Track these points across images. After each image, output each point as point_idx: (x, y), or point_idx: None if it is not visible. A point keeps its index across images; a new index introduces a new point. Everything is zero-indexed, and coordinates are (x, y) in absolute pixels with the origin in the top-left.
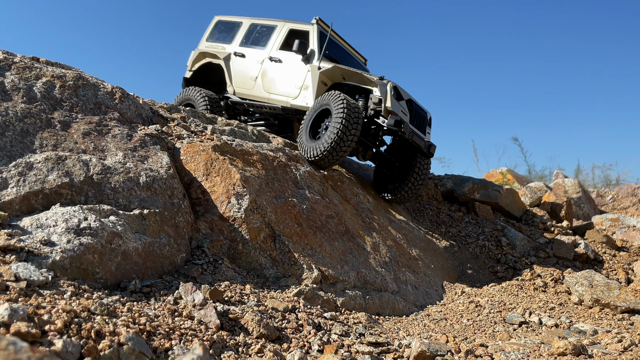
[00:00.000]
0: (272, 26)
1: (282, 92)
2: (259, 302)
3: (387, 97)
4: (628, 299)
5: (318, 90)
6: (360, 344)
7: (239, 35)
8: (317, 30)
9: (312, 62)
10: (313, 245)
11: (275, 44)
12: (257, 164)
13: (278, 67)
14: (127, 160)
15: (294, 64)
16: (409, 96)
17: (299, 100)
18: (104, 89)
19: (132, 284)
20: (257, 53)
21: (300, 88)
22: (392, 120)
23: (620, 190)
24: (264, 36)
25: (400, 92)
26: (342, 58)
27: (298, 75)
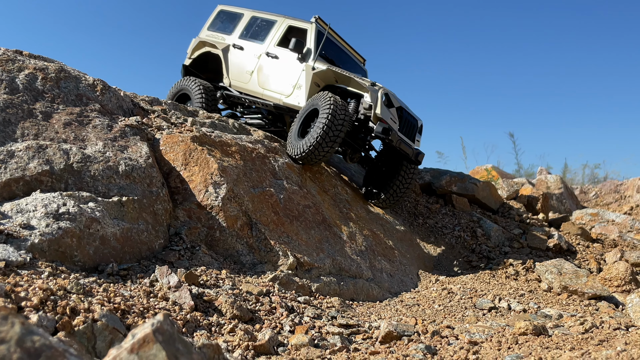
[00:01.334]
0: (272, 21)
1: (276, 89)
2: (234, 286)
3: (377, 103)
4: (595, 286)
5: (310, 91)
6: (331, 326)
7: (240, 27)
8: (315, 29)
9: (307, 61)
10: (289, 233)
11: (274, 39)
12: (236, 155)
13: (274, 63)
14: (107, 149)
15: (290, 62)
16: (400, 103)
17: (291, 98)
18: (86, 81)
19: (109, 267)
20: (255, 47)
21: (294, 87)
22: (380, 128)
23: (603, 187)
24: (263, 30)
25: (391, 99)
26: (340, 58)
27: (292, 74)
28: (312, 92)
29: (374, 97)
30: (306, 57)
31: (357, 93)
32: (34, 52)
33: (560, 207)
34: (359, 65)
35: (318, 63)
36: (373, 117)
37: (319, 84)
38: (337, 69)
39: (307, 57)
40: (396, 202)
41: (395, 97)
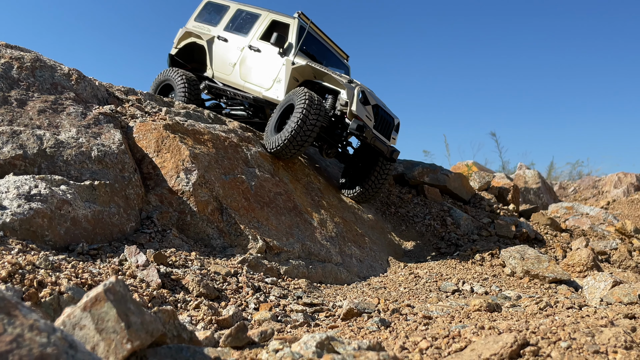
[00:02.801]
0: (257, 15)
1: (257, 82)
2: (202, 267)
3: (353, 100)
4: (556, 271)
5: (289, 85)
6: (296, 304)
7: (225, 19)
8: (297, 24)
9: (287, 56)
10: (260, 219)
11: (257, 33)
12: (208, 143)
13: (256, 56)
14: (80, 136)
15: (271, 56)
16: (376, 101)
17: (271, 92)
18: (61, 70)
19: (79, 247)
20: (239, 40)
21: (274, 80)
22: (354, 125)
23: (582, 183)
24: (247, 23)
25: (367, 97)
26: (322, 54)
27: (273, 68)
28: (291, 87)
29: (350, 93)
30: (287, 52)
31: (334, 89)
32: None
33: (538, 202)
34: (341, 61)
35: (298, 58)
36: (348, 114)
37: (298, 79)
38: (316, 64)
39: (288, 52)
40: (371, 197)
41: (372, 95)
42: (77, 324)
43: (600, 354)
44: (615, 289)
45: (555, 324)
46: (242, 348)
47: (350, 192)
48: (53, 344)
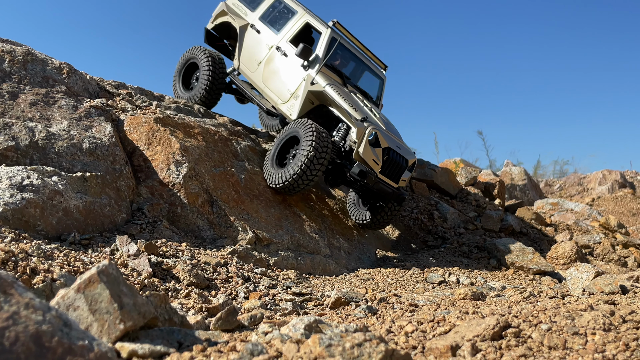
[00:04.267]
0: (293, 11)
1: (276, 91)
2: (192, 257)
3: (362, 142)
4: (540, 263)
5: (303, 106)
6: (285, 294)
7: (263, 6)
8: (329, 35)
9: (311, 70)
10: (249, 211)
11: (289, 32)
12: (198, 136)
13: (282, 61)
14: (72, 128)
15: (295, 66)
16: (388, 143)
17: (286, 107)
18: (52, 64)
19: (71, 236)
20: (270, 36)
21: (292, 95)
22: (357, 169)
23: (567, 180)
24: (282, 18)
25: (379, 140)
26: (353, 67)
27: (294, 80)
28: (305, 108)
29: (360, 134)
30: (311, 66)
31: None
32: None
33: (524, 198)
34: (376, 74)
35: (320, 76)
36: (355, 155)
37: (313, 102)
38: (335, 89)
39: (312, 66)
40: (381, 227)
41: (388, 134)
42: (71, 304)
43: (579, 335)
44: (597, 279)
45: (537, 308)
46: (232, 331)
47: (359, 219)
48: (48, 321)
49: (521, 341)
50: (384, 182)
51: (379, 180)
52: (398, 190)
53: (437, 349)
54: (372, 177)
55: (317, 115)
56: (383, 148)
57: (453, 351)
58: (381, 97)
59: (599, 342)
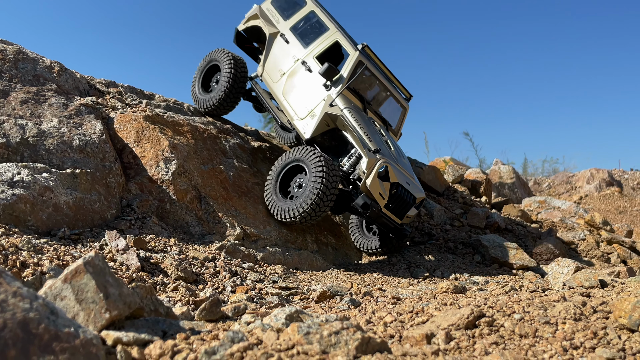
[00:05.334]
0: (325, 27)
1: (294, 105)
2: (181, 252)
3: (370, 174)
4: (523, 258)
5: (318, 126)
6: (271, 288)
7: (297, 17)
8: (356, 59)
9: (331, 91)
10: (237, 207)
11: (317, 48)
12: (187, 134)
13: (305, 76)
14: (62, 125)
15: (317, 84)
16: (398, 179)
17: (301, 124)
18: (43, 63)
19: (61, 231)
20: (298, 48)
21: (309, 113)
22: (361, 201)
23: (556, 179)
24: (313, 32)
25: (388, 174)
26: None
27: (314, 98)
28: (320, 129)
29: (370, 165)
30: (334, 86)
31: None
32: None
33: (512, 196)
34: (400, 101)
35: (340, 99)
36: (362, 185)
37: (329, 124)
38: (352, 116)
39: (335, 87)
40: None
41: (399, 171)
42: (58, 294)
43: (550, 324)
44: (577, 274)
45: (512, 299)
46: (216, 321)
47: (365, 247)
48: (35, 309)
49: (494, 330)
50: (388, 217)
51: (382, 215)
52: (401, 226)
53: (413, 337)
54: (375, 211)
55: (330, 138)
56: (392, 183)
57: (428, 339)
58: (401, 126)
59: (569, 330)
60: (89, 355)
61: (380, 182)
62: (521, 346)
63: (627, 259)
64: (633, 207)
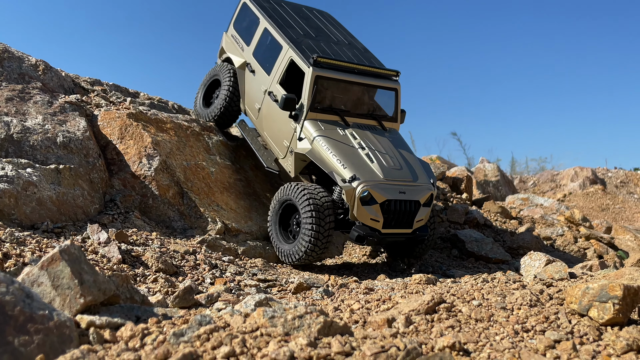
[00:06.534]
0: (279, 45)
1: (275, 143)
2: (162, 245)
3: (354, 204)
4: (498, 252)
5: (297, 164)
6: (250, 280)
7: (255, 40)
8: (311, 76)
9: (299, 122)
10: (219, 203)
11: (277, 73)
12: (170, 131)
13: (274, 109)
14: (47, 123)
15: (285, 115)
16: (386, 196)
17: (284, 162)
18: (29, 61)
19: (44, 225)
20: (263, 78)
21: (287, 149)
22: (354, 235)
23: (541, 177)
24: (271, 55)
25: (373, 196)
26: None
27: (287, 132)
28: (299, 167)
29: (349, 196)
30: (298, 118)
31: None
32: None
33: (497, 193)
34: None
35: (310, 126)
36: (350, 216)
37: (305, 160)
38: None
39: (299, 118)
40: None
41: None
42: (35, 281)
43: (506, 309)
44: (549, 266)
45: (474, 287)
46: (190, 308)
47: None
48: (11, 293)
49: (452, 315)
50: (394, 234)
51: (386, 235)
52: (414, 233)
53: (375, 322)
54: (372, 240)
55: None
56: (381, 202)
57: (389, 323)
58: (398, 108)
59: (522, 315)
60: (62, 336)
61: (367, 207)
62: (475, 329)
63: (603, 254)
64: (615, 204)
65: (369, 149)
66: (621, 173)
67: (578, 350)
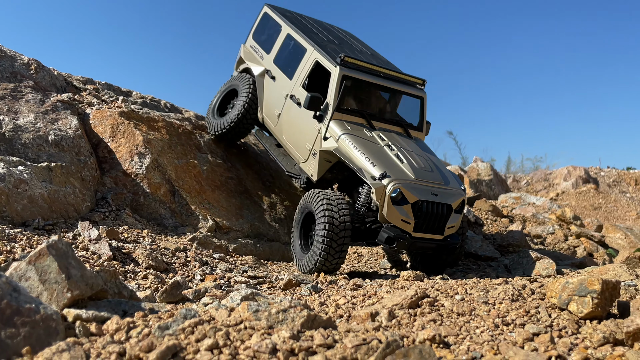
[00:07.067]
0: (303, 48)
1: (296, 147)
2: (152, 243)
3: (384, 203)
4: (488, 250)
5: (321, 165)
6: (240, 277)
7: (276, 47)
8: (339, 75)
9: (324, 122)
10: (210, 200)
11: (301, 76)
12: (162, 130)
13: (296, 113)
14: (38, 121)
15: (309, 116)
16: (417, 197)
17: (306, 166)
18: (21, 60)
19: (35, 222)
20: (284, 82)
21: (310, 152)
22: (384, 236)
23: (534, 176)
24: (294, 59)
25: (405, 195)
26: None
27: (310, 134)
28: (323, 168)
29: (379, 194)
30: (322, 118)
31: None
32: None
33: (490, 192)
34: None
35: (335, 126)
36: (380, 217)
37: (330, 160)
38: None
39: (323, 118)
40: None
41: (417, 186)
42: (23, 275)
43: (487, 304)
44: (536, 263)
45: (458, 282)
46: (177, 303)
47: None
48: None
49: (434, 309)
50: (425, 240)
51: (416, 239)
52: (445, 240)
53: (359, 316)
54: (403, 242)
55: (342, 169)
56: (412, 203)
57: (372, 317)
58: (424, 118)
59: (504, 309)
60: (49, 329)
61: (398, 207)
62: (456, 323)
63: (593, 252)
64: (607, 203)
65: (397, 149)
66: (614, 172)
67: (556, 342)
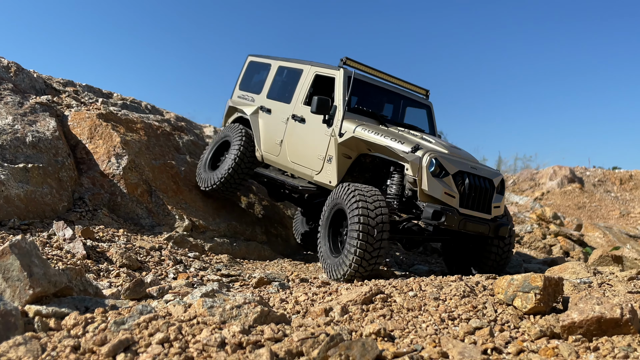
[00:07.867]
0: (298, 70)
1: (306, 163)
2: (128, 242)
3: (423, 176)
4: None
5: (340, 165)
6: (214, 275)
7: (267, 83)
8: (343, 76)
9: (335, 121)
10: (187, 201)
11: (301, 95)
12: (140, 131)
13: (301, 129)
14: (16, 123)
15: (317, 127)
16: (458, 166)
17: (322, 176)
18: (0, 63)
19: (11, 222)
20: (282, 109)
21: (323, 160)
22: (429, 211)
23: (521, 175)
24: (290, 85)
25: (444, 165)
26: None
27: (320, 143)
28: (343, 168)
29: (415, 168)
30: (332, 120)
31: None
32: None
33: None
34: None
35: (348, 123)
36: (420, 195)
37: (350, 155)
38: (368, 131)
39: (333, 119)
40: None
41: (454, 158)
42: None
43: (438, 300)
44: None
45: (414, 280)
46: (140, 300)
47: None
48: None
49: (387, 305)
50: (472, 217)
51: (464, 216)
52: (494, 220)
53: (314, 312)
54: (452, 216)
55: (362, 170)
56: (453, 174)
57: (326, 312)
58: (434, 127)
59: (452, 305)
60: (8, 324)
61: (438, 180)
62: (405, 317)
63: (570, 251)
64: (592, 202)
65: (419, 138)
66: (599, 172)
67: (495, 336)
